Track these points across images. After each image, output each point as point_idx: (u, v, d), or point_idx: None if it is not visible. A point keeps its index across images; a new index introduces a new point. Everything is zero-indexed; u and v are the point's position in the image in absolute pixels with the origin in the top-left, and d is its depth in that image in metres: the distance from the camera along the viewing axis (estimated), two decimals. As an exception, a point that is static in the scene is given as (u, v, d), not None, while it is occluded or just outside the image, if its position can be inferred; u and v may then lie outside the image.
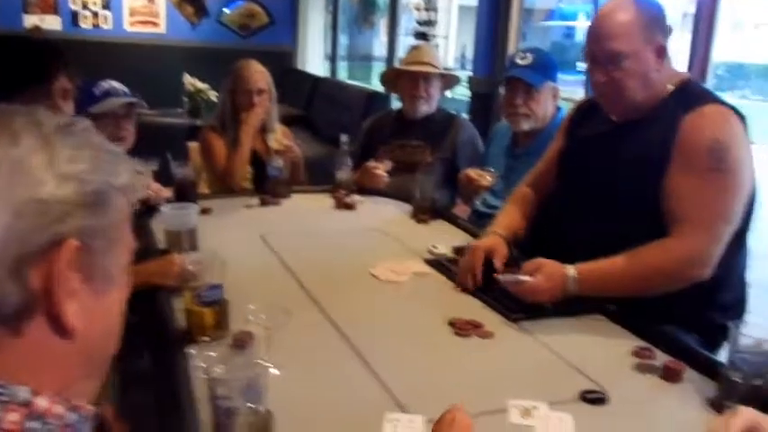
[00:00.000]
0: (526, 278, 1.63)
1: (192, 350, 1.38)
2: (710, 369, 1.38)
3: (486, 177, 2.49)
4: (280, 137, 3.03)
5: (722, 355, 1.79)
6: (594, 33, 1.74)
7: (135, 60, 8.45)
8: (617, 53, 1.67)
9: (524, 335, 1.57)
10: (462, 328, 1.55)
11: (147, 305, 1.63)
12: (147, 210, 2.27)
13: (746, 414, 0.96)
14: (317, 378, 1.34)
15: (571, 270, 1.63)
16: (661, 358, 1.45)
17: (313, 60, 8.25)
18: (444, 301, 1.74)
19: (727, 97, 1.86)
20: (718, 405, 1.27)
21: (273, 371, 1.32)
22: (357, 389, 1.31)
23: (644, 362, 1.44)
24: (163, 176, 2.49)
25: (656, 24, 1.71)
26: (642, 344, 1.52)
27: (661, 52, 1.70)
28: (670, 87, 1.74)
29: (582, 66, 1.82)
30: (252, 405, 1.05)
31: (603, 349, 1.51)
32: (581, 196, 1.86)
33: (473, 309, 1.69)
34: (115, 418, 1.40)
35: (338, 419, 1.21)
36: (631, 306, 1.64)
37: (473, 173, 2.52)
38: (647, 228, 1.65)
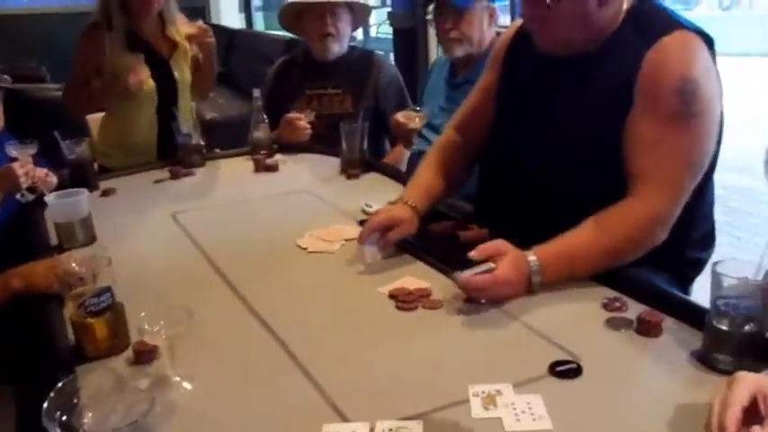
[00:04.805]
0: (490, 266, 1.31)
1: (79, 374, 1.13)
2: (693, 317, 1.19)
3: (414, 120, 2.35)
4: (181, 27, 2.60)
5: (696, 294, 1.63)
6: None
7: (38, 32, 7.86)
8: None
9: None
10: (406, 300, 1.33)
11: (29, 317, 1.38)
12: (37, 201, 1.97)
13: (749, 380, 0.87)
14: (237, 386, 1.10)
15: (532, 257, 1.33)
16: (634, 308, 1.26)
17: (227, 13, 7.81)
18: (382, 269, 1.51)
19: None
20: (706, 359, 1.09)
21: (185, 385, 1.11)
22: (285, 395, 1.08)
23: (615, 315, 1.26)
24: (55, 160, 2.18)
25: None
26: (610, 293, 1.33)
27: None
28: (623, 11, 1.46)
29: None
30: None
31: (568, 306, 1.31)
32: (527, 140, 1.58)
33: (415, 272, 1.48)
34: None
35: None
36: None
37: (401, 117, 2.37)
38: (604, 175, 1.42)
